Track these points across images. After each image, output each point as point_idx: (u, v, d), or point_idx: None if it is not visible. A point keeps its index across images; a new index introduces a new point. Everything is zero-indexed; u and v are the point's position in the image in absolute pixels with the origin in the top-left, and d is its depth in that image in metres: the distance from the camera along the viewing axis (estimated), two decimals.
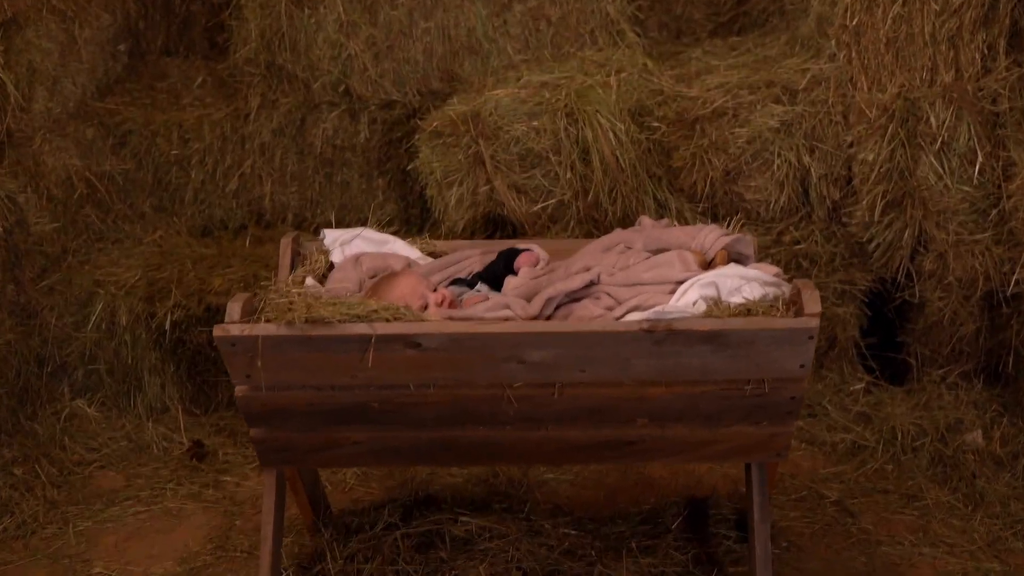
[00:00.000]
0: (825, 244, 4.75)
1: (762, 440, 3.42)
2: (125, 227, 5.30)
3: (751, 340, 3.16)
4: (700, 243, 3.53)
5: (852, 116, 4.67)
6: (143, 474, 4.55)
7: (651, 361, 3.21)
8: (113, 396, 4.84)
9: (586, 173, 4.67)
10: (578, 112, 4.67)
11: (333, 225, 5.30)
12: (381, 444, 3.47)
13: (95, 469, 4.57)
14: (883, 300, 4.88)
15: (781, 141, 4.69)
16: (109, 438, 4.72)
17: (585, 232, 4.71)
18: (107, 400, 4.85)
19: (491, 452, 3.50)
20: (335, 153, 5.45)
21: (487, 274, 3.68)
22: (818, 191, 4.73)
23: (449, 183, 4.78)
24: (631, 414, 3.35)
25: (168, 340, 4.75)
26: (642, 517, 4.02)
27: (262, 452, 3.50)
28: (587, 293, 3.36)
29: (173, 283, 4.79)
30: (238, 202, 5.47)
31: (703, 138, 4.72)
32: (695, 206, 4.77)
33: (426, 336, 3.17)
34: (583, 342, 3.17)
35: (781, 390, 3.28)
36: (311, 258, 3.83)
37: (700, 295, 3.24)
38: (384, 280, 3.55)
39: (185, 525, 4.22)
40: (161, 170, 5.43)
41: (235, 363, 3.26)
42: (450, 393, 3.31)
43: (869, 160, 4.60)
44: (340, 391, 3.32)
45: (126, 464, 4.61)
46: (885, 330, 4.94)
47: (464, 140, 4.74)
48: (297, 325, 3.17)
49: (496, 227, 4.84)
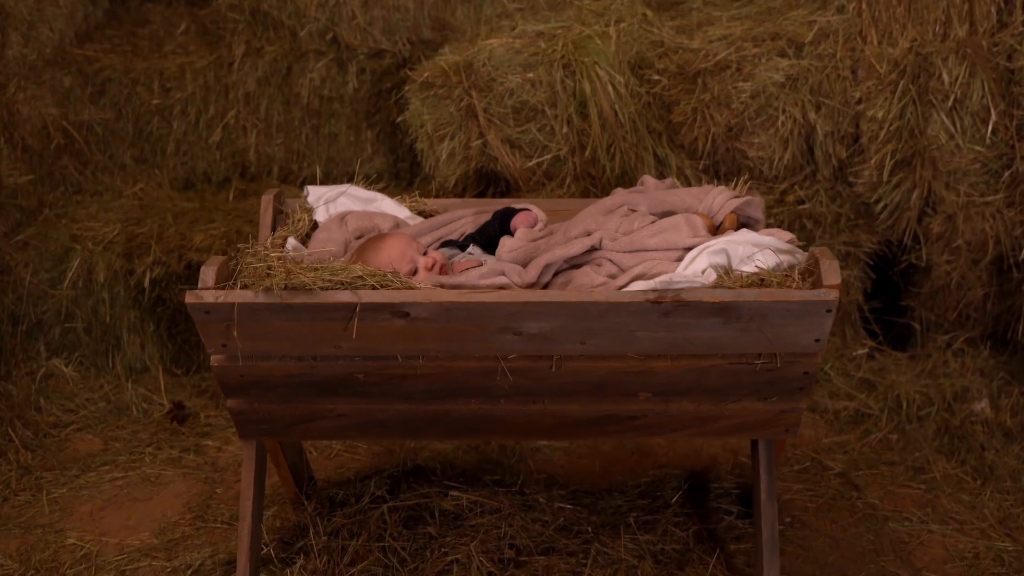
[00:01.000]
0: (830, 204, 4.43)
1: (771, 416, 3.12)
2: (104, 179, 4.95)
3: (764, 313, 2.84)
4: (707, 206, 3.20)
5: (861, 71, 4.33)
6: (121, 437, 4.23)
7: (657, 333, 2.90)
8: (91, 355, 4.52)
9: (583, 128, 4.34)
10: (575, 64, 4.32)
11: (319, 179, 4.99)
12: (367, 417, 3.15)
13: (72, 432, 4.25)
14: (888, 263, 4.57)
15: (786, 96, 4.35)
16: (86, 399, 4.39)
17: (582, 189, 4.38)
18: (85, 359, 4.52)
19: (484, 426, 3.18)
20: (322, 104, 5.09)
21: (481, 235, 3.35)
22: (824, 149, 4.39)
23: (440, 136, 4.44)
24: (633, 388, 3.04)
25: (147, 298, 4.42)
26: (640, 490, 3.72)
27: (241, 424, 3.18)
28: (588, 259, 3.03)
29: (153, 239, 4.45)
30: (222, 154, 5.11)
31: (705, 92, 4.38)
32: (696, 163, 4.43)
33: (415, 305, 2.84)
34: (584, 313, 2.85)
35: (793, 365, 2.97)
36: (293, 217, 3.50)
37: (710, 263, 2.91)
38: (370, 242, 3.22)
39: (164, 493, 3.91)
40: (142, 120, 5.07)
41: (210, 332, 2.93)
42: (440, 365, 2.99)
43: (878, 117, 4.26)
44: (323, 361, 3.00)
45: (104, 427, 4.29)
46: (889, 294, 4.63)
47: (456, 92, 4.39)
48: (276, 292, 2.84)
49: (489, 183, 4.51)
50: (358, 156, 5.12)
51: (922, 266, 4.46)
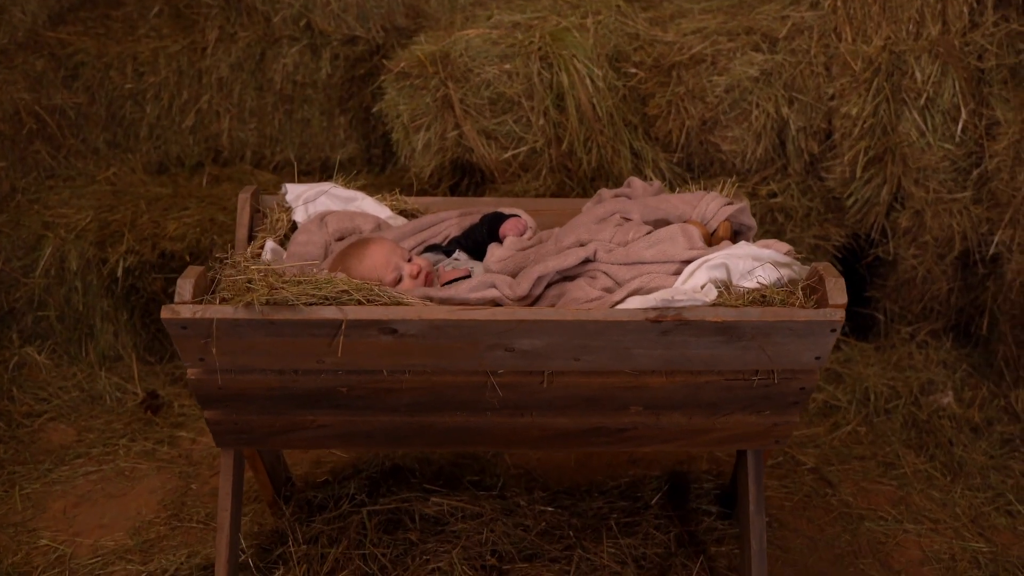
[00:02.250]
0: (801, 198, 4.08)
1: (763, 429, 2.78)
2: (78, 164, 4.50)
3: (767, 332, 2.50)
4: (701, 213, 2.84)
5: (835, 68, 3.98)
6: (95, 427, 3.82)
7: (654, 351, 2.55)
8: (64, 344, 4.09)
9: (560, 120, 3.95)
10: (553, 56, 3.93)
11: (295, 167, 4.59)
12: (350, 428, 2.78)
13: (45, 421, 3.84)
14: (855, 255, 4.24)
15: (760, 91, 3.99)
16: (60, 388, 3.97)
17: (557, 182, 4.00)
18: (58, 347, 4.09)
19: (470, 437, 2.82)
20: (295, 89, 4.67)
21: (467, 240, 2.97)
22: (796, 144, 4.04)
23: (416, 127, 4.03)
24: (625, 402, 2.69)
25: (120, 287, 3.99)
26: (620, 491, 3.38)
27: (218, 433, 2.80)
28: (582, 271, 2.66)
29: (126, 227, 4.02)
30: (195, 139, 4.67)
31: (679, 86, 4.01)
32: (670, 156, 4.06)
33: (404, 323, 2.47)
34: (580, 331, 2.48)
35: (791, 381, 2.64)
36: (271, 217, 3.10)
37: (709, 278, 2.56)
38: (353, 249, 2.83)
39: (138, 488, 3.52)
40: (115, 104, 4.61)
41: (187, 347, 2.54)
42: (428, 379, 2.62)
43: (852, 114, 3.92)
44: (305, 375, 2.62)
45: (77, 416, 3.88)
46: (855, 285, 4.30)
47: (432, 82, 3.99)
48: (257, 308, 2.45)
49: (464, 174, 4.11)
50: (331, 141, 4.71)
51: (889, 259, 4.14)
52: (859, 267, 4.25)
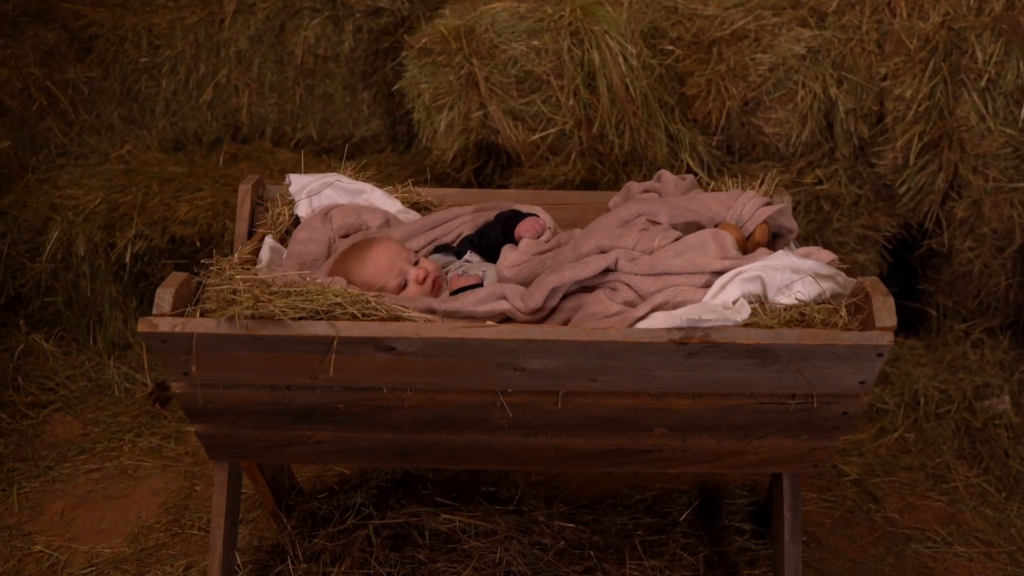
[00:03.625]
0: (849, 185, 3.77)
1: (800, 453, 2.50)
2: (91, 141, 4.27)
3: (805, 356, 2.21)
4: (736, 214, 2.55)
5: (888, 45, 3.64)
6: (101, 420, 3.62)
7: (679, 373, 2.27)
8: (72, 331, 3.88)
9: (591, 101, 3.66)
10: (584, 32, 3.63)
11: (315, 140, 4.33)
12: (350, 444, 2.53)
13: (51, 413, 3.64)
14: (906, 246, 3.92)
15: (806, 69, 3.67)
16: (67, 377, 3.77)
17: (588, 167, 3.71)
18: (66, 335, 3.89)
19: (480, 456, 2.56)
20: (317, 63, 4.40)
21: (480, 239, 2.70)
22: (844, 127, 3.72)
23: (439, 107, 3.75)
24: (648, 424, 2.42)
25: (129, 273, 3.77)
26: (647, 505, 3.11)
27: (210, 447, 2.57)
28: (602, 281, 2.38)
29: (136, 209, 3.79)
30: (213, 114, 4.42)
31: (720, 63, 3.69)
32: (709, 139, 3.76)
33: (402, 340, 2.21)
34: (597, 351, 2.21)
35: (832, 405, 2.35)
36: (273, 211, 2.85)
37: (742, 292, 2.27)
38: (355, 251, 2.57)
39: (140, 489, 3.31)
40: (130, 79, 4.37)
41: (169, 361, 2.30)
42: (431, 398, 2.37)
43: (906, 96, 3.59)
44: (298, 391, 2.37)
45: (84, 407, 3.67)
46: (906, 277, 3.99)
47: (456, 59, 3.70)
48: (241, 322, 2.20)
49: (489, 156, 3.84)
50: (354, 117, 4.44)
51: (943, 251, 3.81)
52: (911, 259, 3.93)
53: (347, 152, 4.44)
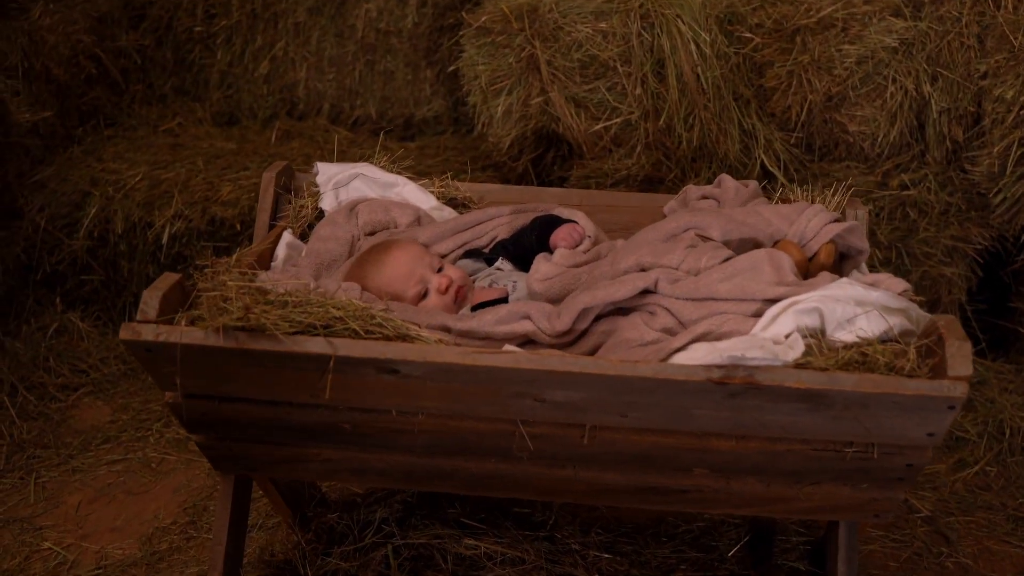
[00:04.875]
0: (939, 192, 3.41)
1: (860, 503, 2.20)
2: (141, 111, 4.09)
3: (864, 403, 1.91)
4: (799, 231, 2.25)
5: (990, 41, 3.27)
6: (131, 407, 3.45)
7: (720, 414, 1.99)
8: (108, 311, 3.72)
9: (659, 90, 3.36)
10: (655, 15, 3.33)
11: (374, 119, 4.09)
12: (361, 464, 2.30)
13: (80, 397, 3.48)
14: (998, 260, 3.56)
15: (898, 64, 3.32)
16: (100, 359, 3.60)
17: (653, 161, 3.41)
18: (102, 315, 3.73)
19: (503, 485, 2.30)
20: (379, 38, 4.16)
21: (514, 246, 2.44)
22: (937, 128, 3.37)
23: (496, 91, 3.48)
24: (687, 463, 2.14)
25: (165, 254, 3.58)
26: (692, 537, 2.83)
27: (212, 458, 2.36)
28: (639, 303, 2.10)
29: (177, 187, 3.59)
30: (268, 88, 4.21)
31: (804, 54, 3.36)
32: (787, 135, 3.43)
33: (405, 363, 1.96)
34: (626, 387, 1.94)
35: (895, 456, 2.05)
36: (295, 203, 2.62)
37: (796, 326, 1.97)
38: (373, 254, 2.33)
39: (161, 485, 3.12)
40: (183, 49, 4.18)
41: (156, 370, 2.09)
42: (444, 423, 2.12)
43: (1007, 98, 3.21)
44: (299, 408, 2.14)
45: (115, 392, 3.51)
46: (997, 293, 3.62)
47: (517, 40, 3.42)
48: (229, 334, 1.97)
49: (549, 145, 3.56)
50: (415, 96, 4.20)
51: None
52: (1003, 274, 3.56)
53: (407, 133, 4.21)
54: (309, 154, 3.85)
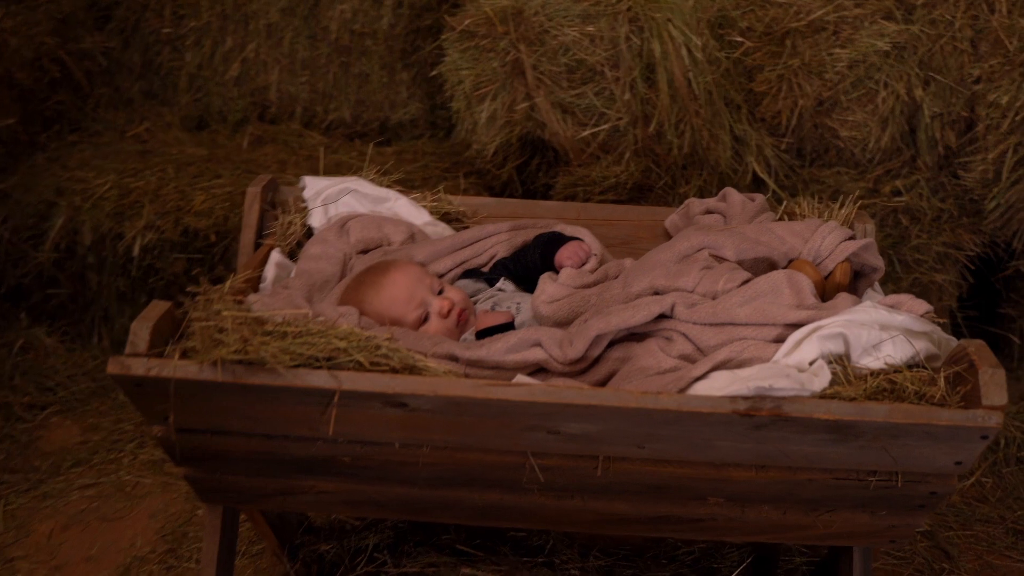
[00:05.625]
0: (931, 198, 3.35)
1: (877, 530, 2.13)
2: (107, 116, 3.93)
3: (895, 434, 1.83)
4: (814, 250, 2.16)
5: (984, 45, 3.22)
6: (102, 427, 3.31)
7: (742, 445, 1.90)
8: (75, 326, 3.57)
9: (649, 96, 3.27)
10: (644, 19, 3.24)
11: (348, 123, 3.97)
12: (359, 496, 2.19)
13: (48, 416, 3.33)
14: (989, 266, 3.51)
15: (890, 68, 3.25)
16: (68, 376, 3.45)
17: (642, 168, 3.32)
18: (69, 330, 3.57)
19: (507, 515, 2.20)
20: (353, 39, 4.03)
21: (516, 264, 2.34)
22: (929, 133, 3.31)
23: (480, 96, 3.37)
24: (702, 493, 2.05)
25: (137, 267, 3.44)
26: (693, 560, 2.75)
27: (199, 490, 2.23)
28: (655, 328, 2.01)
29: (147, 197, 3.45)
30: (239, 91, 4.06)
31: (794, 58, 3.28)
32: (777, 140, 3.35)
33: (414, 397, 1.85)
34: (646, 419, 1.85)
35: (919, 484, 1.97)
36: (283, 220, 2.49)
37: (821, 352, 1.89)
38: (370, 276, 2.22)
39: (137, 511, 2.99)
40: (151, 51, 4.02)
41: (145, 405, 1.96)
42: (450, 455, 2.01)
43: (1002, 103, 3.16)
44: (297, 441, 2.03)
45: (84, 411, 3.37)
46: (987, 300, 3.57)
47: (501, 44, 3.32)
48: (227, 368, 1.85)
49: (534, 152, 3.46)
50: (391, 99, 4.07)
51: None
52: (994, 280, 3.51)
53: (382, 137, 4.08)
54: (284, 160, 3.72)
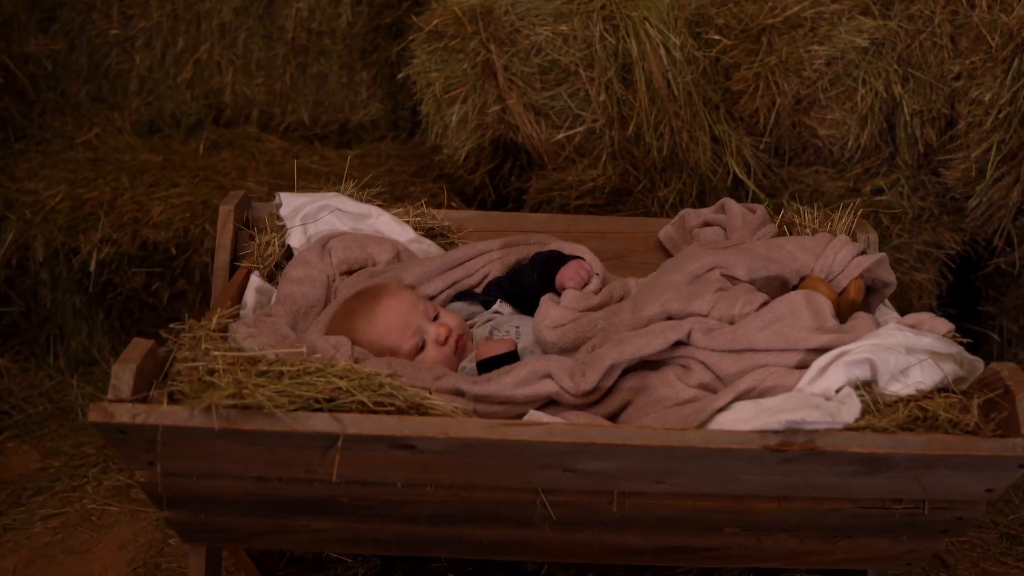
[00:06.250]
0: (911, 197, 3.29)
1: (895, 554, 2.05)
2: (54, 123, 3.73)
3: (929, 464, 1.74)
4: (826, 266, 2.07)
5: (964, 41, 3.14)
6: (62, 451, 3.13)
7: (768, 478, 1.81)
8: (30, 345, 3.38)
9: (626, 97, 3.15)
10: (620, 17, 3.12)
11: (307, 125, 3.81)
12: (354, 534, 2.07)
13: (4, 441, 3.14)
14: (969, 263, 3.45)
15: (868, 65, 3.17)
16: (24, 398, 3.27)
17: (620, 171, 3.21)
18: (23, 349, 3.38)
19: (511, 550, 2.09)
20: (310, 39, 3.86)
21: (512, 285, 2.22)
22: (908, 131, 3.23)
23: (451, 99, 3.23)
24: (719, 524, 1.96)
25: (94, 282, 3.26)
26: None
27: (183, 532, 2.09)
28: (670, 356, 1.90)
29: (102, 209, 3.26)
30: (192, 95, 3.88)
31: (771, 55, 3.18)
32: (756, 140, 3.26)
33: (424, 439, 1.73)
34: (670, 456, 1.74)
35: (947, 511, 1.90)
36: (260, 239, 2.35)
37: (848, 379, 1.80)
38: (361, 304, 2.08)
39: (105, 542, 2.82)
40: (99, 53, 3.81)
41: (129, 452, 1.82)
42: (456, 494, 1.90)
43: (984, 100, 3.09)
44: (291, 483, 1.89)
45: (43, 434, 3.18)
46: (967, 297, 3.52)
47: (471, 44, 3.18)
48: (221, 413, 1.71)
49: (507, 156, 3.33)
50: (350, 100, 3.92)
51: (1012, 272, 3.34)
52: (974, 278, 3.46)
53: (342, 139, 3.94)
54: (244, 166, 3.56)
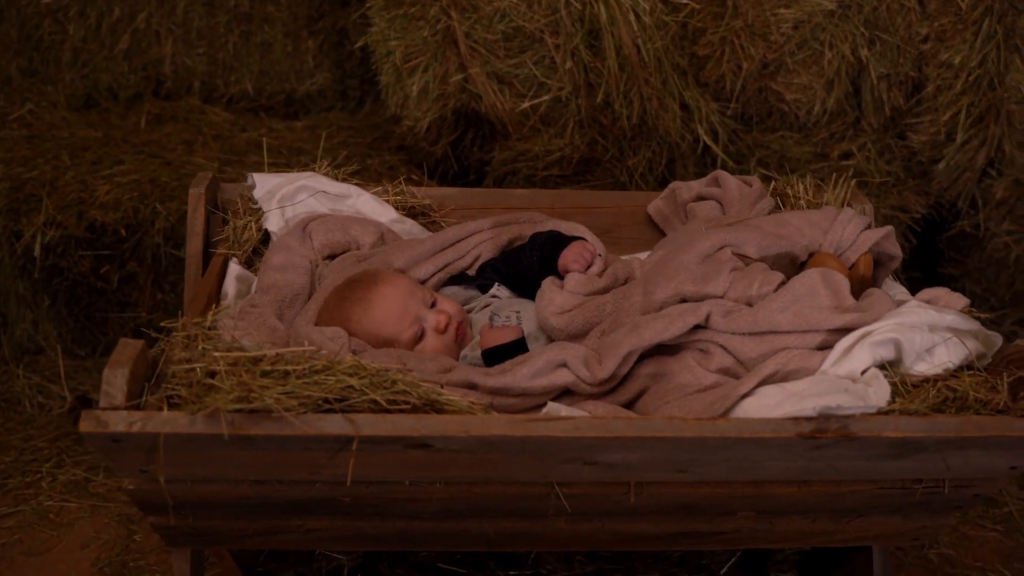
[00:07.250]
0: (878, 160, 3.25)
1: (905, 531, 2.01)
2: None
3: (961, 445, 1.69)
4: (835, 241, 2.01)
5: (932, 3, 3.10)
6: (12, 445, 2.96)
7: (793, 464, 1.74)
8: None
9: (593, 64, 3.06)
10: None
11: (251, 96, 3.65)
12: (351, 532, 1.96)
13: None
14: (932, 226, 3.43)
15: (835, 28, 3.11)
16: None
17: (588, 140, 3.12)
18: None
19: (516, 541, 2.01)
20: (253, 6, 3.70)
21: (509, 268, 2.11)
22: (875, 94, 3.19)
23: (411, 68, 3.11)
24: (733, 508, 1.90)
25: (39, 267, 3.08)
26: (680, 556, 2.60)
27: (168, 537, 1.97)
28: (688, 340, 1.82)
29: (44, 189, 3.08)
30: (130, 66, 3.68)
31: (736, 19, 3.11)
32: (723, 106, 3.19)
33: (443, 439, 1.63)
34: (698, 446, 1.67)
35: (966, 489, 1.86)
36: (235, 223, 2.22)
37: (873, 360, 1.74)
38: (355, 291, 1.97)
39: (66, 540, 2.67)
40: (30, 23, 3.60)
41: (122, 461, 1.69)
42: (467, 490, 1.80)
43: (954, 64, 3.06)
44: (293, 485, 1.78)
45: None
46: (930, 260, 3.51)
47: (431, 11, 3.06)
48: (226, 418, 1.59)
49: (469, 126, 3.22)
50: (296, 70, 3.76)
51: (976, 234, 3.33)
52: (937, 241, 3.45)
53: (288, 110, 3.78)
54: (189, 140, 3.39)
